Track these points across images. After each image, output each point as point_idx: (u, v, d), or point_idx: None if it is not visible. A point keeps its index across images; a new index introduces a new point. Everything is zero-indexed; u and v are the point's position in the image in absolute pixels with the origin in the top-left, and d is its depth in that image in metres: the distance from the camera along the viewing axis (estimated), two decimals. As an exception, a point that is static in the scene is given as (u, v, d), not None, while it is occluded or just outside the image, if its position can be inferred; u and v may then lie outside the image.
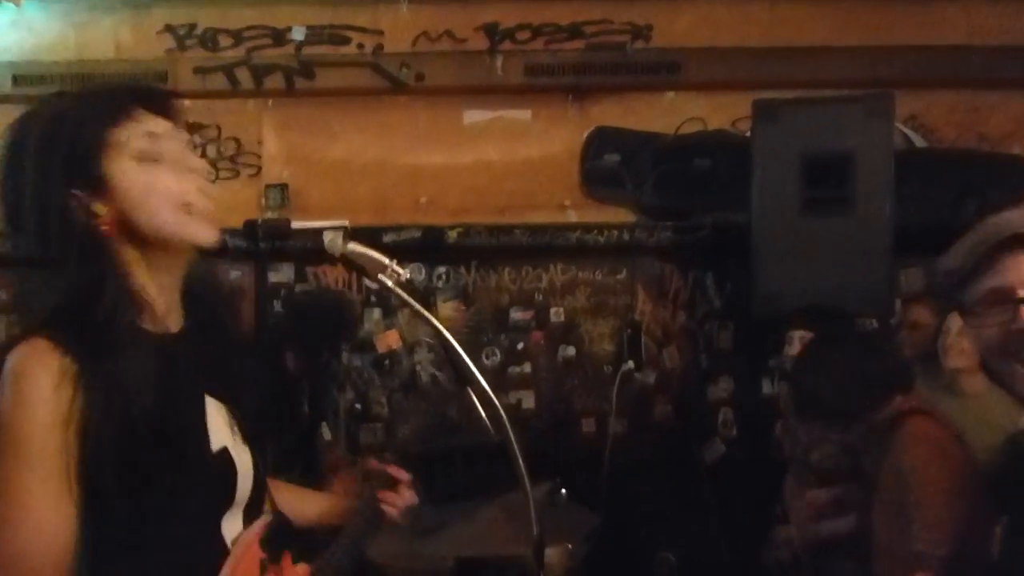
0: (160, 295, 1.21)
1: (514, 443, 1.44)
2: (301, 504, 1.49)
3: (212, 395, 1.25)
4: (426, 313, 1.45)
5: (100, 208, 1.16)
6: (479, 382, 1.45)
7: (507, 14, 3.77)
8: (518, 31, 3.78)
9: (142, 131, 1.18)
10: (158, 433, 1.13)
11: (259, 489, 1.28)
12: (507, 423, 1.46)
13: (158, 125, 1.20)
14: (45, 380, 1.07)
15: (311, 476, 1.64)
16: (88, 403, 1.08)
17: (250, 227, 1.36)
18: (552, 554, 2.56)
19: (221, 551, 1.20)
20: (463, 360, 1.43)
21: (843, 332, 2.44)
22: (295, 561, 1.34)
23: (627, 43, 3.74)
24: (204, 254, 1.25)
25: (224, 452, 1.24)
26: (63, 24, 3.81)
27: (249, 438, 1.28)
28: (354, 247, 1.38)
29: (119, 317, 1.14)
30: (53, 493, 1.08)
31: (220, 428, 1.24)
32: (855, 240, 2.92)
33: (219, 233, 1.24)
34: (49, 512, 1.07)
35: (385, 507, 1.50)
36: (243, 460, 1.26)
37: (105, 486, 1.10)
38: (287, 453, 2.86)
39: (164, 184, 1.19)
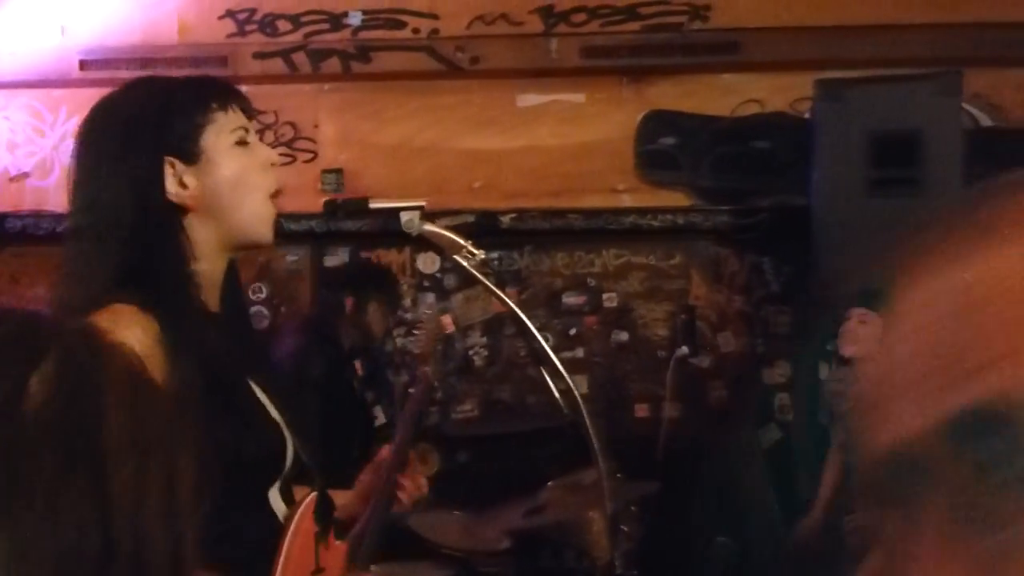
0: (211, 274, 1.25)
1: (587, 419, 1.46)
2: None
3: (251, 376, 1.30)
4: (500, 293, 1.47)
5: (191, 180, 1.19)
6: (552, 361, 1.46)
7: (563, -4, 3.76)
8: (573, 13, 3.75)
9: (240, 121, 1.26)
10: (228, 399, 1.17)
11: (300, 466, 1.32)
12: (581, 402, 1.47)
13: (249, 122, 1.29)
14: (140, 345, 1.10)
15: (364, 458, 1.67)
16: (171, 368, 1.11)
17: (331, 206, 1.39)
18: (607, 536, 2.55)
19: (271, 519, 1.25)
20: (538, 339, 1.44)
21: None
22: (337, 537, 1.39)
23: (684, 24, 3.70)
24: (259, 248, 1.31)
25: (278, 424, 1.29)
26: (129, 8, 3.89)
27: (288, 417, 1.32)
28: (431, 227, 1.41)
29: (190, 288, 1.19)
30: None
31: (268, 403, 1.30)
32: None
33: (275, 235, 1.30)
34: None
35: (400, 493, 1.54)
36: (289, 436, 1.31)
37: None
38: (343, 435, 2.90)
39: (254, 171, 1.26)
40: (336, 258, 3.91)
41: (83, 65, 3.87)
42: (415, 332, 1.93)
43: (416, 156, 3.90)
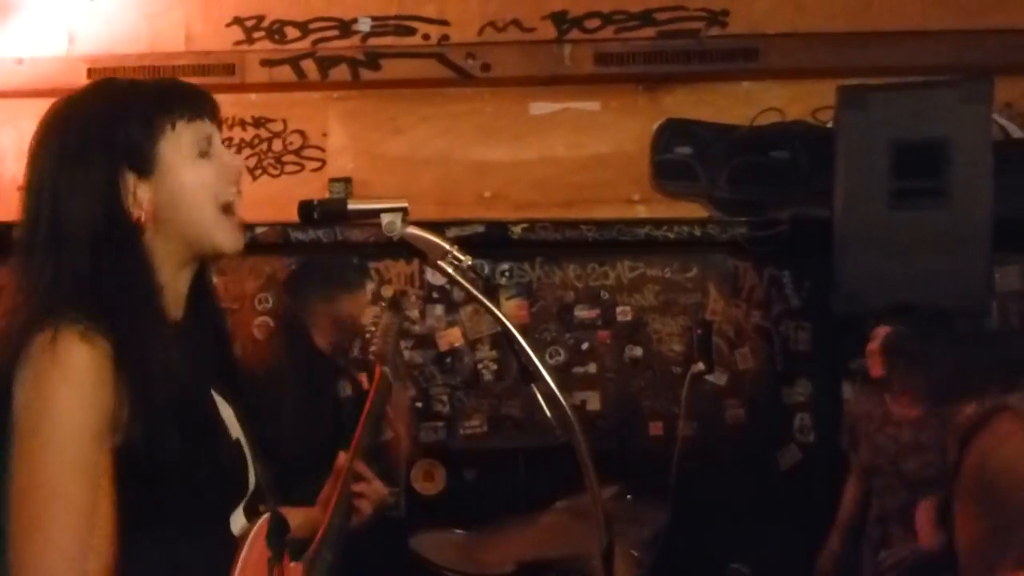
0: (173, 285, 1.19)
1: (583, 443, 1.34)
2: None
3: (215, 388, 1.23)
4: (486, 301, 1.36)
5: (145, 193, 1.14)
6: (544, 378, 1.35)
7: (576, 2, 3.68)
8: (587, 19, 3.67)
9: (200, 130, 1.19)
10: (186, 419, 1.10)
11: (258, 486, 1.26)
12: (575, 422, 1.36)
13: (212, 129, 1.21)
14: (90, 367, 1.03)
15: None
16: (124, 390, 1.05)
17: (306, 207, 1.28)
18: (617, 561, 2.43)
19: (230, 544, 1.18)
20: (528, 354, 1.33)
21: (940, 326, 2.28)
22: (293, 559, 1.33)
23: (702, 30, 3.60)
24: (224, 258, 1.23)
25: (239, 442, 1.23)
26: (136, 16, 3.86)
27: (248, 434, 1.26)
28: (413, 230, 1.30)
29: (150, 303, 1.13)
30: (92, 494, 1.04)
31: (230, 419, 1.23)
32: (949, 234, 2.74)
33: (243, 245, 1.23)
34: (88, 512, 1.03)
35: (357, 501, 1.48)
36: (249, 454, 1.25)
37: (136, 476, 1.06)
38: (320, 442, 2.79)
39: (211, 182, 1.18)
40: (344, 269, 3.83)
41: (91, 74, 3.84)
42: (370, 330, 1.83)
43: (425, 165, 3.82)
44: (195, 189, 1.16)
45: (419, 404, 3.82)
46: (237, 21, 3.81)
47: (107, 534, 1.03)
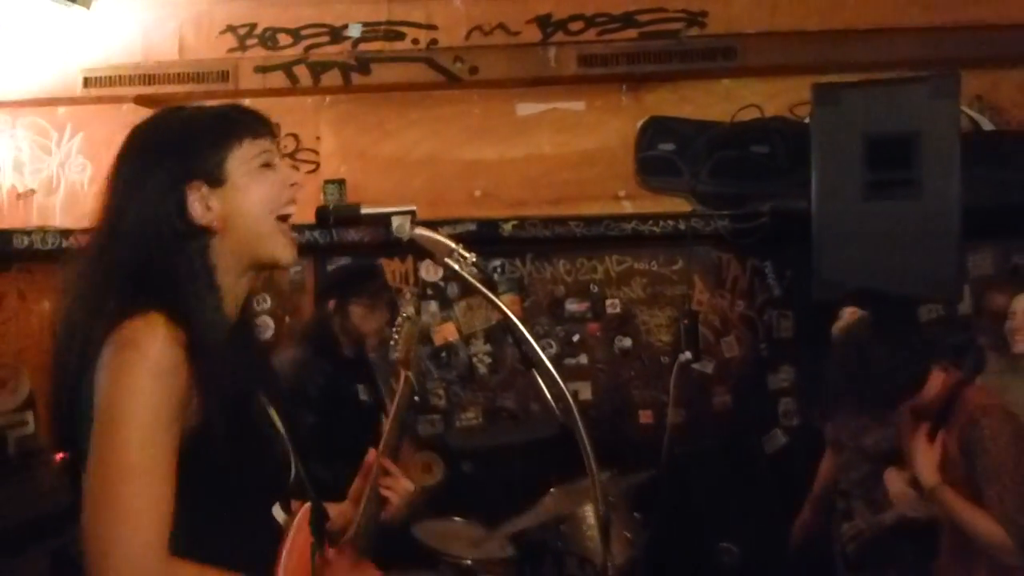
0: (233, 290, 1.29)
1: (581, 427, 1.45)
2: None
3: (260, 389, 1.32)
4: (492, 295, 1.47)
5: (215, 203, 1.25)
6: (545, 364, 1.46)
7: (560, 5, 3.77)
8: (571, 22, 3.77)
9: (262, 147, 1.30)
10: (242, 415, 1.20)
11: (297, 480, 1.35)
12: (574, 407, 1.47)
13: (272, 146, 1.33)
14: (168, 354, 1.12)
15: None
16: (195, 380, 1.14)
17: (322, 213, 1.40)
18: (612, 543, 2.55)
19: (275, 531, 1.28)
20: (529, 342, 1.44)
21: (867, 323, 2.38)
22: (332, 546, 1.42)
23: (681, 30, 3.71)
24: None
25: (285, 439, 1.32)
26: (131, 26, 3.93)
27: (288, 433, 1.35)
28: (422, 231, 1.41)
29: (215, 301, 1.23)
30: (165, 471, 1.12)
31: (275, 418, 1.33)
32: (921, 224, 2.85)
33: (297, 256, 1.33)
34: (161, 488, 1.11)
35: (385, 492, 1.58)
36: (292, 451, 1.34)
37: (193, 462, 1.14)
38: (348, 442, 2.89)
39: (272, 193, 1.30)
40: (339, 269, 3.92)
41: (87, 83, 3.91)
42: (394, 336, 1.93)
43: (417, 166, 3.92)
44: (258, 198, 1.27)
45: (416, 398, 3.91)
46: (230, 29, 3.89)
47: (169, 519, 1.12)
